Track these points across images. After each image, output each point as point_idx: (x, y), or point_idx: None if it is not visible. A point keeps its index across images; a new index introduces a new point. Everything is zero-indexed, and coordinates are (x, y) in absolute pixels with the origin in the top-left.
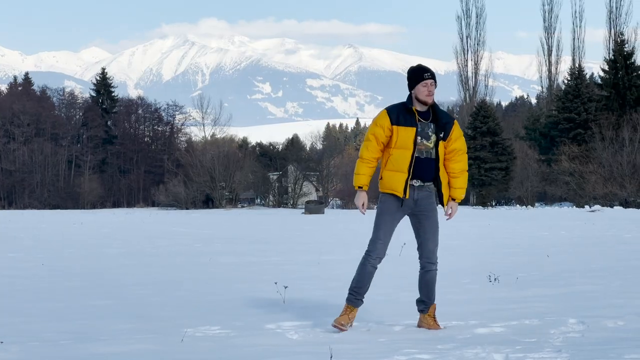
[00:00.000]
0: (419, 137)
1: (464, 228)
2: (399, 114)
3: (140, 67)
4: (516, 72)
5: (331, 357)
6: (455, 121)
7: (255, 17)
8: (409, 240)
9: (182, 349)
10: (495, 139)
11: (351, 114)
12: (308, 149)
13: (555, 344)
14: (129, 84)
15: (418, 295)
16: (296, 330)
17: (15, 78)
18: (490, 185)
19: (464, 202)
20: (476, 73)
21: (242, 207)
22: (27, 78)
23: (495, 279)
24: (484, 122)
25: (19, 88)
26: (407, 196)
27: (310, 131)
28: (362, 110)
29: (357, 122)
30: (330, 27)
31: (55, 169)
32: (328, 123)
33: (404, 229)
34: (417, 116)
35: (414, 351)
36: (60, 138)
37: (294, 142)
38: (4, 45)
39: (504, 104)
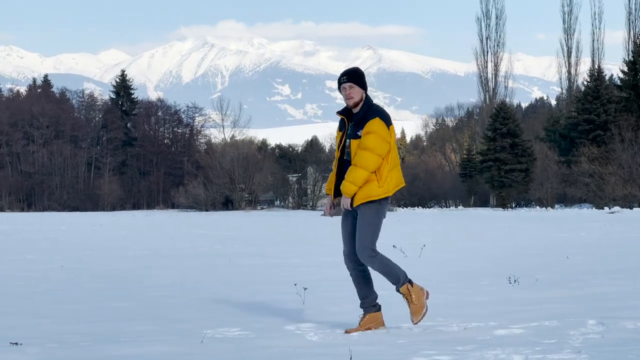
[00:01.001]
0: (347, 140)
1: (484, 229)
2: (340, 120)
3: (159, 69)
4: (536, 74)
5: (350, 359)
6: (377, 119)
7: (273, 19)
8: (428, 242)
9: (202, 351)
10: (515, 141)
11: None
12: (327, 150)
13: (574, 345)
14: (148, 86)
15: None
16: (315, 331)
17: (34, 80)
18: (510, 187)
19: (484, 203)
20: (496, 74)
21: (262, 208)
22: (46, 80)
23: (515, 281)
24: (503, 123)
25: (38, 90)
26: (333, 197)
27: (329, 133)
28: None
29: None
30: (349, 29)
31: (74, 171)
32: None
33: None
34: (347, 120)
35: (433, 352)
36: (79, 140)
37: (313, 144)
38: (23, 47)
39: (524, 105)
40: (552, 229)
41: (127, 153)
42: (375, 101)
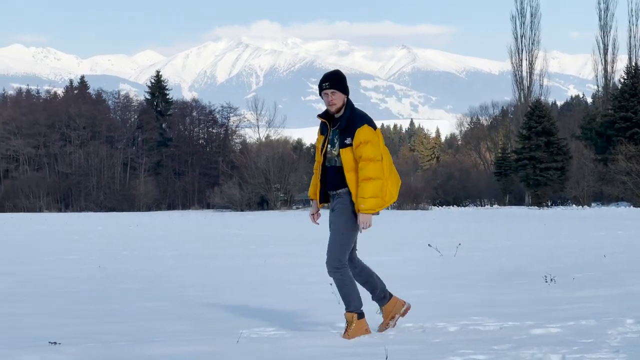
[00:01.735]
0: (329, 146)
1: (519, 228)
2: (322, 123)
3: (194, 70)
4: (571, 72)
5: (386, 358)
6: (365, 126)
7: (308, 19)
8: (464, 241)
9: (238, 351)
10: (551, 139)
11: (405, 114)
12: None
13: (612, 345)
14: (183, 87)
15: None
16: None
17: (71, 82)
18: (545, 185)
19: (519, 201)
20: (531, 73)
21: (297, 208)
22: (82, 81)
23: (551, 280)
24: (539, 122)
25: (75, 92)
26: (319, 204)
27: None
28: (416, 111)
29: (412, 123)
30: (383, 28)
31: (110, 171)
32: (382, 124)
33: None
34: (329, 124)
35: (469, 352)
36: (115, 141)
37: None
38: (59, 49)
39: (559, 103)
40: (588, 227)
41: (162, 153)
42: (410, 100)
